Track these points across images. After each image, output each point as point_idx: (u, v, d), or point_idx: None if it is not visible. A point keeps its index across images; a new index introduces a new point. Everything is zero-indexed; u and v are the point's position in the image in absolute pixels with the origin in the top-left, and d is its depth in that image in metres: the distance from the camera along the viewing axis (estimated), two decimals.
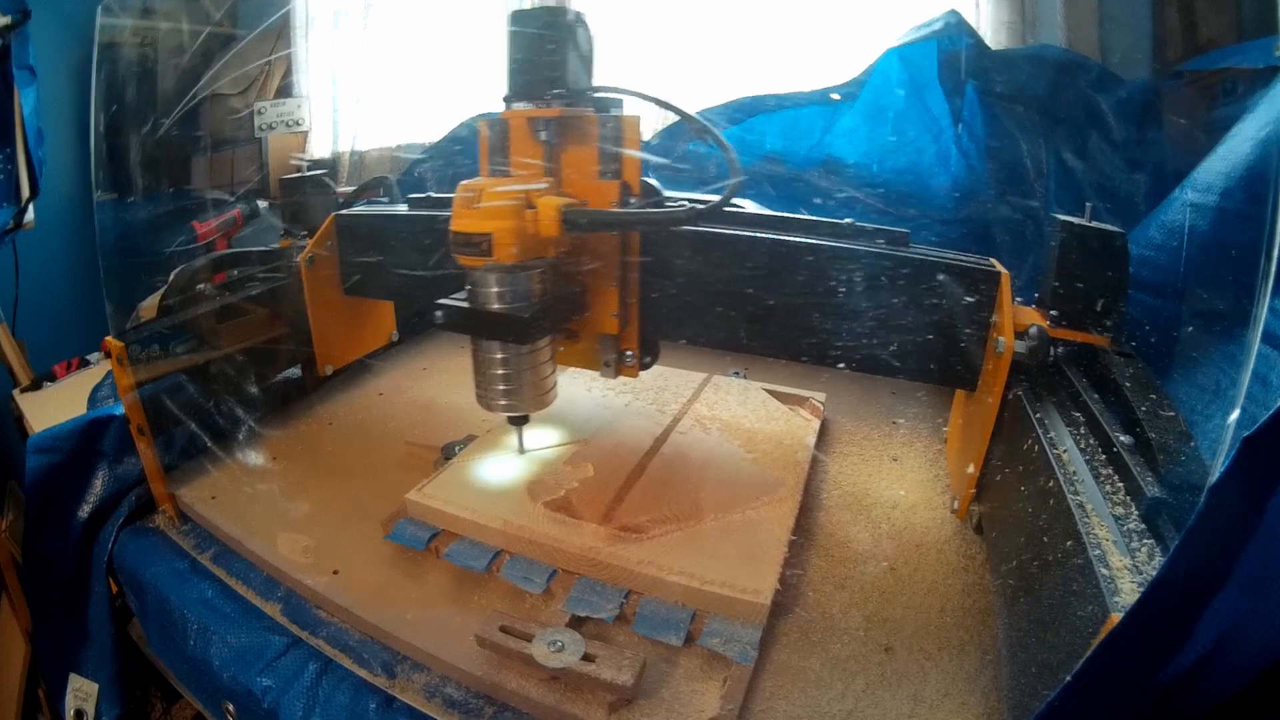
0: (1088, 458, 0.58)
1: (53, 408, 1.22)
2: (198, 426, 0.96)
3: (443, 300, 0.74)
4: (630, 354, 0.84)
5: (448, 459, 0.90)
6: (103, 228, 0.98)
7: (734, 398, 1.06)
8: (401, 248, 0.99)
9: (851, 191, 1.27)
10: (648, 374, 0.87)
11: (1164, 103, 1.08)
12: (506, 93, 0.74)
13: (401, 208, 1.03)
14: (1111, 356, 0.68)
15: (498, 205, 0.68)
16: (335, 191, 1.16)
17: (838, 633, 0.67)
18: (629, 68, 0.87)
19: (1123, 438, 0.56)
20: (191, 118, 1.29)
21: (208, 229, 1.30)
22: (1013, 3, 1.23)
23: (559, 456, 0.88)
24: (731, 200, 0.74)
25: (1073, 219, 0.71)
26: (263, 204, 1.39)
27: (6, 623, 1.26)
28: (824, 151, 1.32)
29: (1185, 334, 0.70)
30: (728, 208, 0.75)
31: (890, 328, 0.74)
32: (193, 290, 1.02)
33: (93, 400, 1.22)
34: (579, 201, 0.73)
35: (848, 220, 0.79)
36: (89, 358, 1.46)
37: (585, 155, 0.76)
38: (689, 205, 0.74)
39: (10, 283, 1.52)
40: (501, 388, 0.77)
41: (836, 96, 1.30)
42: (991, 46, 1.20)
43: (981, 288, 0.73)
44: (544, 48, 0.70)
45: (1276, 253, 0.38)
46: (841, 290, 0.75)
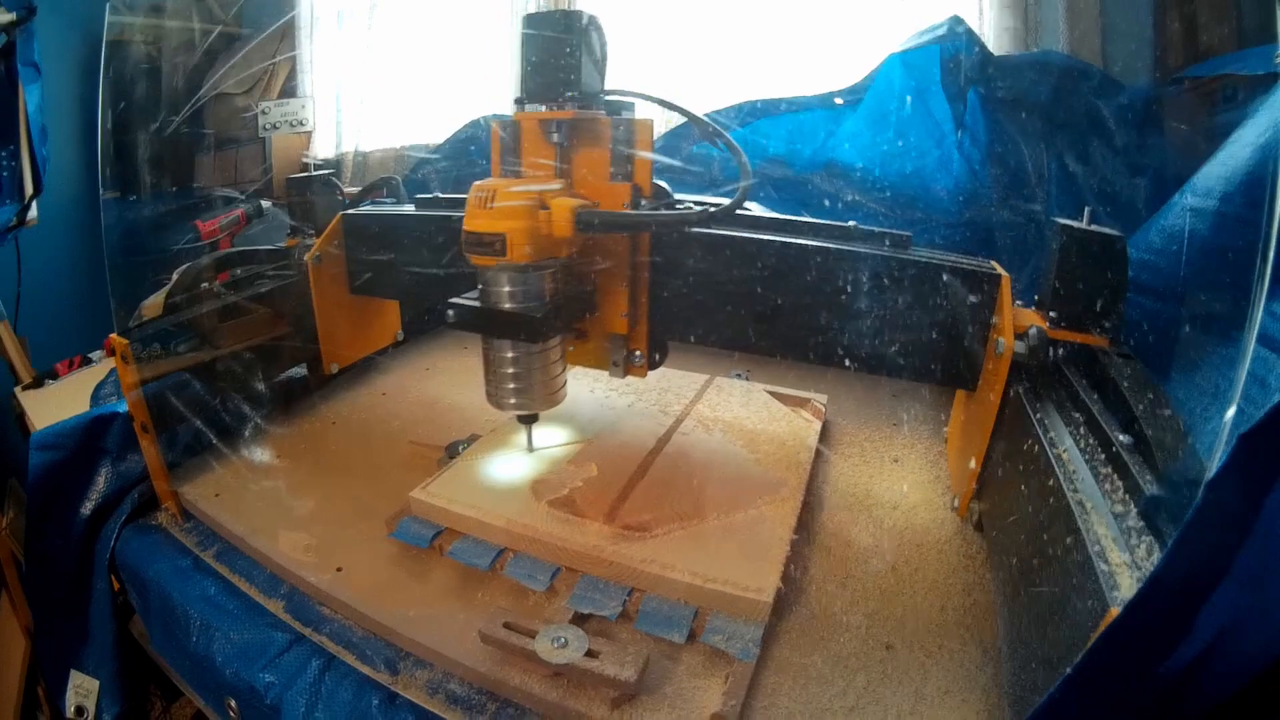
0: (1087, 457, 0.58)
1: (54, 405, 1.21)
2: (201, 424, 0.96)
3: (455, 300, 0.75)
4: (639, 354, 0.84)
5: (452, 458, 0.91)
6: (107, 225, 0.98)
7: (736, 399, 1.06)
8: (410, 247, 0.99)
9: (855, 195, 1.28)
10: (651, 375, 0.87)
11: (1165, 109, 1.09)
12: (520, 94, 0.75)
13: (408, 208, 1.04)
14: (1110, 357, 0.69)
15: (512, 206, 0.69)
16: (342, 191, 1.16)
17: (839, 630, 0.68)
18: (635, 70, 0.88)
19: (1121, 437, 0.57)
20: (196, 117, 1.29)
21: (211, 228, 1.31)
22: (1016, 9, 1.24)
23: (563, 456, 0.88)
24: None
25: (1072, 223, 0.72)
26: (266, 204, 1.39)
27: (7, 620, 1.26)
28: (827, 155, 1.32)
29: (1185, 337, 0.70)
30: (737, 210, 0.75)
31: (893, 328, 0.75)
32: (197, 288, 1.03)
33: (95, 398, 1.22)
34: (591, 203, 0.74)
35: (851, 223, 0.79)
36: (91, 356, 1.46)
37: (597, 157, 0.76)
38: (700, 207, 0.74)
39: (13, 280, 1.52)
40: (512, 386, 0.77)
41: (840, 101, 1.31)
42: (994, 52, 1.21)
43: (982, 289, 0.73)
44: (558, 51, 0.71)
45: (1272, 254, 0.38)
46: (846, 291, 0.75)
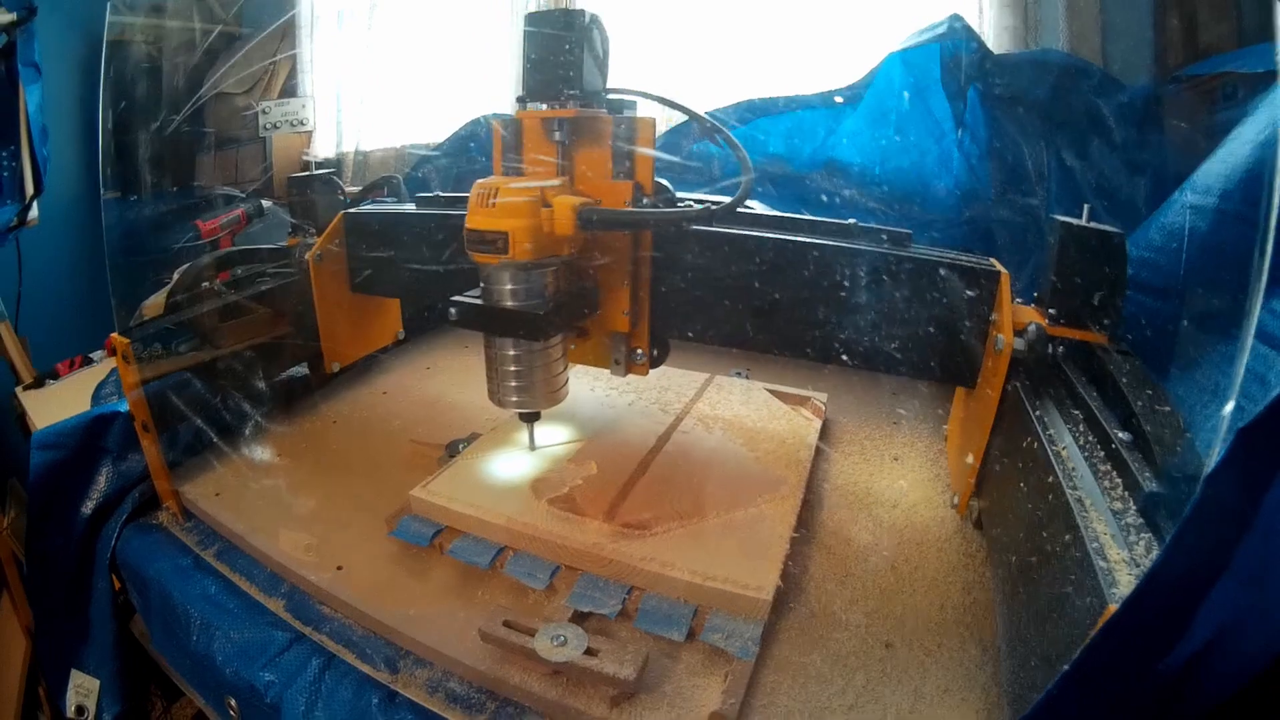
0: (1086, 454, 0.58)
1: (55, 405, 1.21)
2: (202, 423, 0.96)
3: (457, 298, 0.75)
4: (640, 352, 0.85)
5: (452, 456, 0.91)
6: (108, 225, 0.98)
7: (736, 397, 1.06)
8: (411, 245, 0.99)
9: (855, 193, 1.28)
10: (651, 374, 0.87)
11: (1165, 107, 1.09)
12: (522, 93, 0.75)
13: (409, 206, 1.04)
14: (1109, 354, 0.69)
15: (514, 203, 0.69)
16: (343, 190, 1.16)
17: (839, 629, 0.68)
18: (637, 69, 0.88)
19: (1121, 434, 0.57)
20: (196, 116, 1.29)
21: (211, 227, 1.31)
22: (1015, 8, 1.24)
23: (563, 454, 0.88)
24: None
25: (1071, 219, 0.72)
26: (266, 203, 1.39)
27: (7, 619, 1.26)
28: (827, 154, 1.32)
29: (1185, 334, 0.70)
30: (738, 208, 0.75)
31: (893, 325, 0.75)
32: (198, 288, 1.03)
33: (96, 397, 1.22)
34: (593, 201, 0.74)
35: (851, 220, 0.79)
36: (92, 356, 1.46)
37: (599, 155, 0.76)
38: (702, 205, 0.74)
39: (14, 280, 1.52)
40: (514, 384, 0.77)
41: (840, 99, 1.31)
42: (994, 50, 1.21)
43: (981, 286, 0.73)
44: (560, 49, 0.71)
45: (1270, 250, 0.38)
46: (847, 289, 0.75)
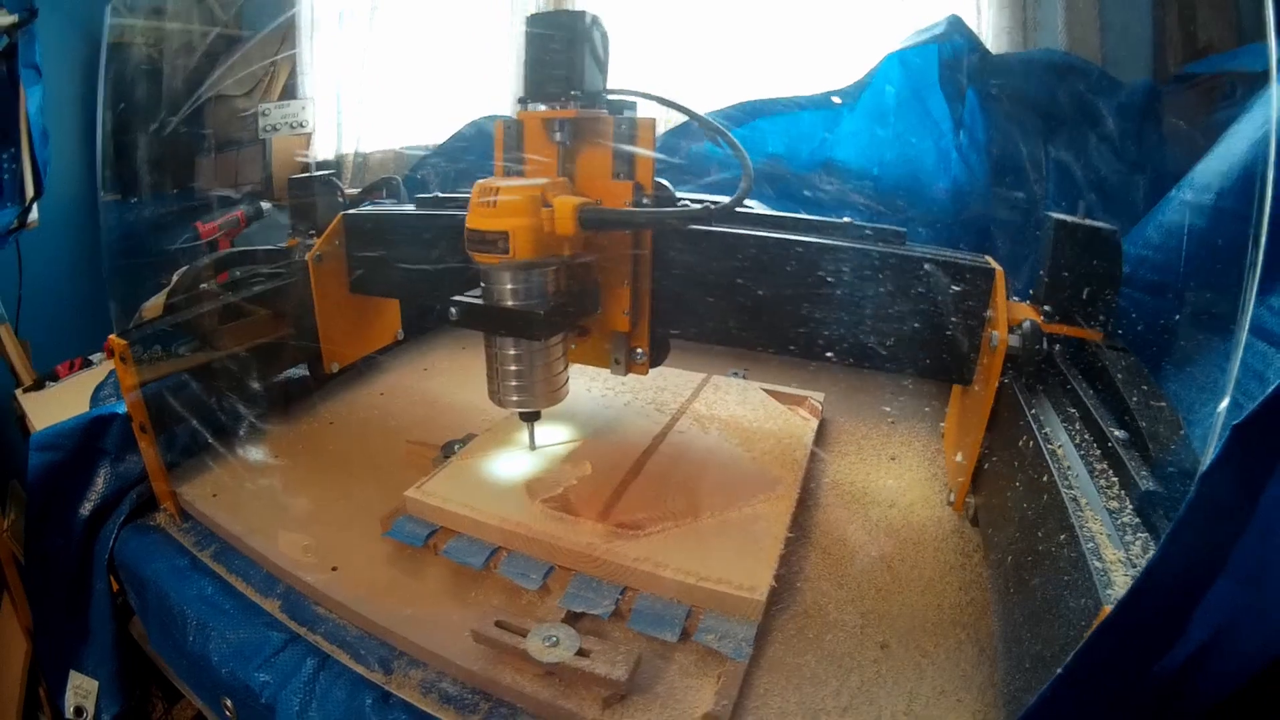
0: (1082, 452, 0.58)
1: (55, 407, 1.22)
2: (199, 424, 0.96)
3: (458, 297, 0.75)
4: (640, 351, 0.84)
5: (447, 457, 0.91)
6: (108, 227, 0.98)
7: (733, 397, 1.06)
8: (411, 246, 0.99)
9: (853, 194, 1.28)
10: (649, 374, 0.87)
11: (1163, 106, 1.09)
12: (522, 94, 0.75)
13: (409, 207, 1.04)
14: (1104, 351, 0.68)
15: (515, 203, 0.69)
16: (342, 192, 1.17)
17: (834, 629, 0.67)
18: (637, 70, 0.88)
19: (1117, 432, 0.56)
20: (196, 118, 1.30)
21: (210, 229, 1.31)
22: (1014, 8, 1.24)
23: (559, 454, 0.88)
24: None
25: (1065, 216, 0.72)
26: (265, 205, 1.39)
27: (7, 620, 1.27)
28: (825, 154, 1.32)
29: (1181, 331, 0.70)
30: (737, 208, 0.75)
31: (890, 323, 0.75)
32: (197, 289, 1.03)
33: (95, 399, 1.22)
34: (594, 201, 0.74)
35: (847, 219, 0.79)
36: (91, 358, 1.46)
37: (600, 156, 0.76)
38: (701, 205, 0.74)
39: (14, 282, 1.52)
40: (514, 384, 0.77)
41: (838, 100, 1.31)
42: (992, 51, 1.21)
43: (977, 283, 0.73)
44: (561, 50, 0.71)
45: (1264, 247, 0.38)
46: (844, 287, 0.75)
